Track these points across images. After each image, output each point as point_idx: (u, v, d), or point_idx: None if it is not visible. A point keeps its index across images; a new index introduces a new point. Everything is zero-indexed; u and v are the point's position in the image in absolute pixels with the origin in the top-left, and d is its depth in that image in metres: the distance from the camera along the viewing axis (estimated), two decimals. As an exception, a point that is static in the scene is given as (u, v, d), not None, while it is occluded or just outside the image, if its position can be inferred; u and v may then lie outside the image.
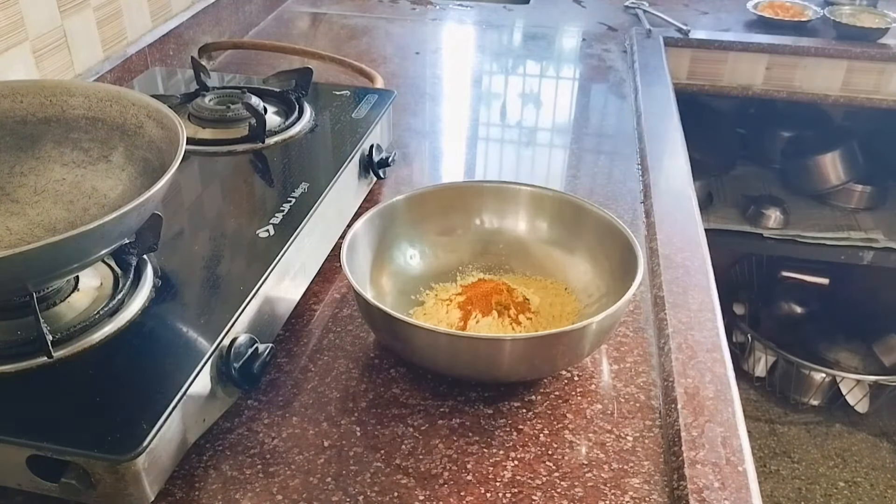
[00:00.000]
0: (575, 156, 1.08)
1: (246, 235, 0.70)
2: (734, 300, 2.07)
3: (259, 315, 0.64)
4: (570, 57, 1.46)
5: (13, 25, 0.87)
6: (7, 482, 0.53)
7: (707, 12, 1.69)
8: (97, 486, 0.50)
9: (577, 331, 0.61)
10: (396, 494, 0.57)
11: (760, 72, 1.55)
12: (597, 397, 0.66)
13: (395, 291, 0.74)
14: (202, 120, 0.88)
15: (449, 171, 1.06)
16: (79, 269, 0.57)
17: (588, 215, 0.75)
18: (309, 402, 0.65)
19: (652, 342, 0.72)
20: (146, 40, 1.13)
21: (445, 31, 1.55)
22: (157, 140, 0.63)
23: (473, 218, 0.80)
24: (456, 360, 0.63)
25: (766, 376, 1.99)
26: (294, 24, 1.54)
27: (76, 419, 0.51)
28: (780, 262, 2.10)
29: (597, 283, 0.73)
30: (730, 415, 0.63)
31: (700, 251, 0.84)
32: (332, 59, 1.19)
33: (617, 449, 0.61)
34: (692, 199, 0.94)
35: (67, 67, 0.98)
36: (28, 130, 0.66)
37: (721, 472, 0.57)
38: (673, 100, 1.23)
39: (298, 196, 0.75)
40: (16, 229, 0.64)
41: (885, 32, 1.52)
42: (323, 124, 0.91)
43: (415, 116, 1.17)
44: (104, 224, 0.50)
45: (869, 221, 1.86)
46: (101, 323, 0.58)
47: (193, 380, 0.54)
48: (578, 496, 0.57)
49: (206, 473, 0.58)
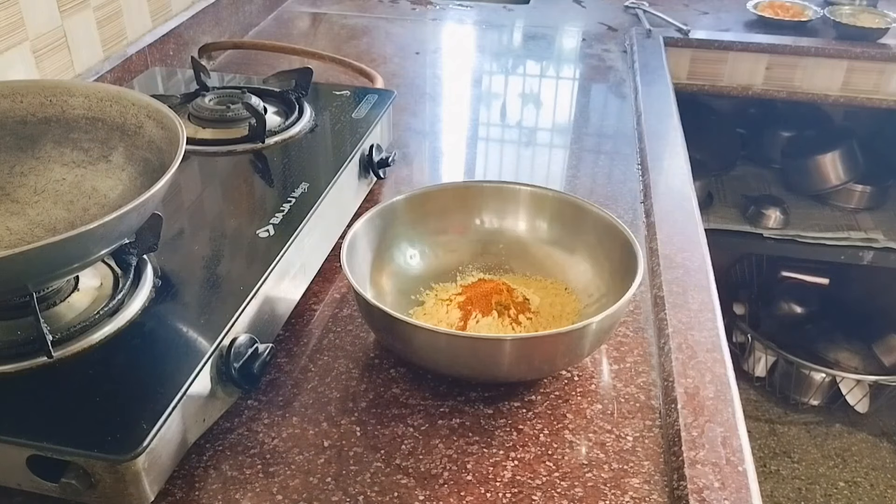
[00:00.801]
0: (575, 156, 1.08)
1: (246, 235, 0.70)
2: (734, 300, 2.07)
3: (259, 315, 0.64)
4: (570, 57, 1.46)
5: (13, 25, 0.87)
6: (7, 482, 0.53)
7: (707, 12, 1.69)
8: (97, 486, 0.50)
9: (577, 331, 0.61)
10: (396, 494, 0.57)
11: (760, 72, 1.55)
12: (597, 397, 0.66)
13: (395, 291, 0.74)
14: (202, 120, 0.88)
15: (449, 171, 1.06)
16: (79, 269, 0.57)
17: (588, 215, 0.75)
18: (309, 402, 0.65)
19: (652, 342, 0.72)
20: (146, 40, 1.13)
21: (445, 31, 1.55)
22: (157, 140, 0.63)
23: (473, 218, 0.80)
24: (456, 360, 0.63)
25: (766, 376, 1.99)
26: (294, 24, 1.54)
27: (76, 419, 0.51)
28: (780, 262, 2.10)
29: (597, 283, 0.73)
30: (730, 415, 0.63)
31: (700, 251, 0.84)
32: (332, 59, 1.19)
33: (617, 449, 0.61)
34: (692, 199, 0.94)
35: (67, 67, 0.98)
36: (28, 130, 0.66)
37: (721, 472, 0.57)
38: (673, 100, 1.23)
39: (298, 196, 0.75)
40: (16, 229, 0.64)
41: (885, 32, 1.52)
42: (323, 124, 0.91)
43: (415, 116, 1.17)
44: (104, 224, 0.50)
45: (869, 221, 1.86)
46: (101, 323, 0.58)
47: (193, 380, 0.54)
48: (578, 496, 0.57)
49: (206, 473, 0.58)
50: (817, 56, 1.51)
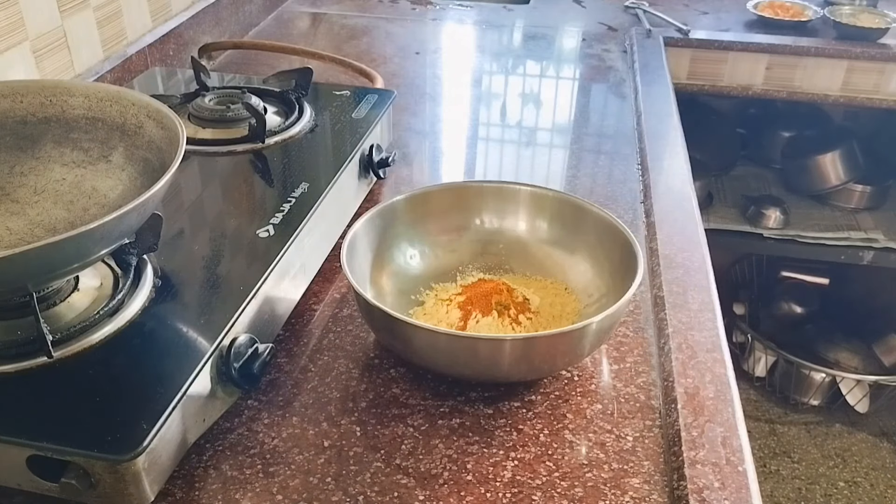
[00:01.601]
0: (575, 156, 1.08)
1: (246, 235, 0.70)
2: (734, 300, 2.07)
3: (259, 315, 0.64)
4: (570, 57, 1.46)
5: (13, 25, 0.87)
6: (7, 482, 0.53)
7: (707, 12, 1.69)
8: (97, 486, 0.50)
9: (577, 331, 0.61)
10: (396, 494, 0.57)
11: (760, 72, 1.55)
12: (597, 397, 0.66)
13: (395, 291, 0.74)
14: (202, 120, 0.88)
15: (449, 171, 1.06)
16: (79, 269, 0.57)
17: (588, 215, 0.75)
18: (309, 402, 0.65)
19: (652, 342, 0.72)
20: (146, 40, 1.13)
21: (445, 31, 1.55)
22: (157, 140, 0.63)
23: (473, 218, 0.80)
24: (456, 360, 0.63)
25: (766, 376, 1.99)
26: (294, 24, 1.54)
27: (76, 419, 0.51)
28: (780, 262, 2.10)
29: (597, 283, 0.73)
30: (730, 415, 0.63)
31: (700, 251, 0.84)
32: (332, 59, 1.19)
33: (617, 449, 0.61)
34: (692, 199, 0.94)
35: (67, 67, 0.98)
36: (28, 130, 0.66)
37: (721, 472, 0.57)
38: (673, 100, 1.23)
39: (298, 196, 0.75)
40: (16, 229, 0.64)
41: (885, 32, 1.52)
42: (323, 124, 0.91)
43: (415, 116, 1.17)
44: (104, 224, 0.50)
45: (869, 221, 1.86)
46: (101, 323, 0.58)
47: (193, 380, 0.54)
48: (578, 496, 0.57)
49: (206, 473, 0.58)
50: (817, 56, 1.51)
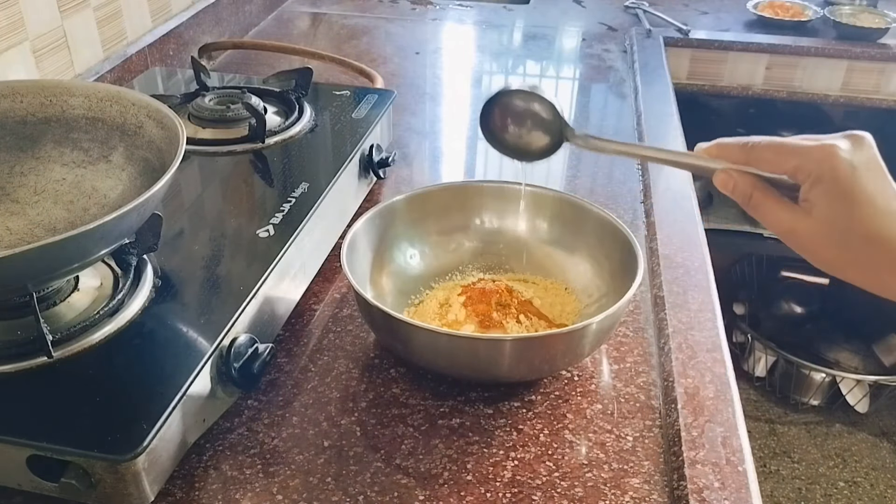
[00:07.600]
0: (575, 156, 1.08)
1: (246, 235, 0.70)
2: (734, 300, 2.07)
3: (259, 315, 0.64)
4: (570, 57, 1.46)
5: (13, 25, 0.87)
6: (7, 482, 0.53)
7: (707, 12, 1.69)
8: (97, 486, 0.50)
9: (577, 331, 0.61)
10: (396, 494, 0.57)
11: (760, 72, 1.55)
12: (597, 397, 0.66)
13: (395, 291, 0.74)
14: (202, 120, 0.88)
15: (449, 171, 1.06)
16: (79, 269, 0.57)
17: (588, 215, 0.75)
18: (309, 402, 0.65)
19: (652, 342, 0.72)
20: (146, 40, 1.13)
21: (445, 31, 1.55)
22: (157, 140, 0.63)
23: (473, 218, 0.80)
24: (456, 360, 0.63)
25: (766, 376, 1.99)
26: (294, 24, 1.54)
27: (76, 419, 0.51)
28: (780, 262, 2.10)
29: (597, 283, 0.73)
30: (730, 415, 0.63)
31: (700, 251, 0.84)
32: (332, 59, 1.19)
33: (617, 449, 0.61)
34: (692, 199, 0.94)
35: (67, 67, 0.98)
36: (28, 130, 0.66)
37: (721, 472, 0.57)
38: (673, 100, 1.23)
39: (298, 196, 0.75)
40: (16, 229, 0.64)
41: (885, 32, 1.52)
42: (323, 124, 0.91)
43: (415, 116, 1.17)
44: (104, 224, 0.50)
45: (869, 221, 1.86)
46: (101, 323, 0.58)
47: (193, 380, 0.54)
48: (578, 496, 0.57)
49: (206, 473, 0.58)
50: (817, 56, 1.51)
